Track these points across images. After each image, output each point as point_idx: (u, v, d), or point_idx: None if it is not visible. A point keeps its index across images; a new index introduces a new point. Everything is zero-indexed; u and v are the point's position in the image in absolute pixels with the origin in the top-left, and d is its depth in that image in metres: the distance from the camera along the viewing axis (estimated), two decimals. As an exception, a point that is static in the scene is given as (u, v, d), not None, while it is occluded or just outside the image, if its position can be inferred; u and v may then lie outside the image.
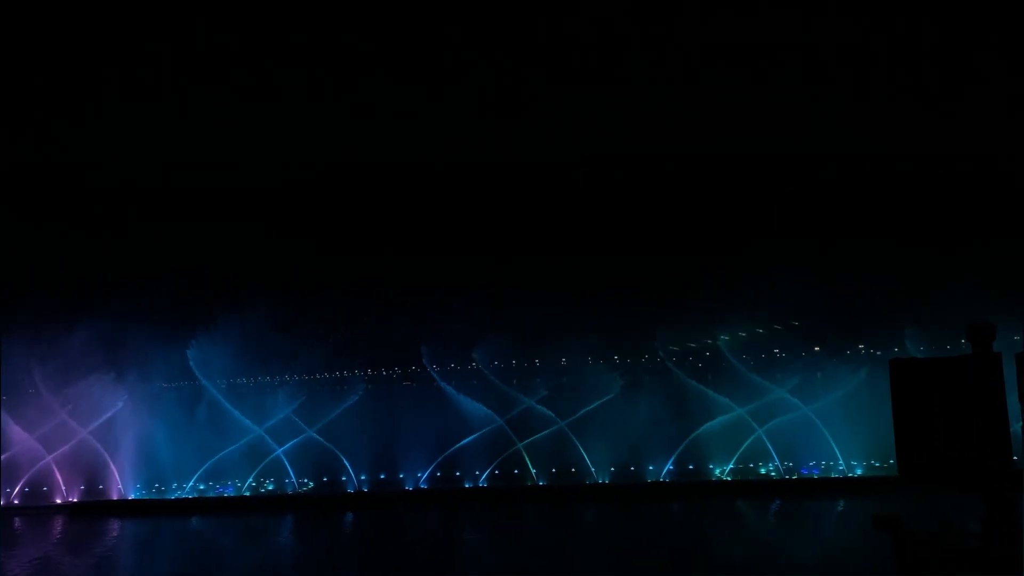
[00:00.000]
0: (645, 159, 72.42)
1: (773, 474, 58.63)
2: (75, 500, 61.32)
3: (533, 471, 59.68)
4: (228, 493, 61.09)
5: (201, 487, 61.61)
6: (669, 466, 58.93)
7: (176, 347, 61.60)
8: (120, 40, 74.88)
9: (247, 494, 61.06)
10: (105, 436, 61.65)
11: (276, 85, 78.39)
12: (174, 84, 76.45)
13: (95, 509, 60.26)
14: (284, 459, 61.26)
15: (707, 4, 71.81)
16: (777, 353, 62.31)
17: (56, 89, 76.50)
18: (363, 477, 60.63)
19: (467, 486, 59.64)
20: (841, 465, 57.55)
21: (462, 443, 60.14)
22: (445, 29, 73.98)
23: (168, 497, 60.97)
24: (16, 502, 61.78)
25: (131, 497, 61.05)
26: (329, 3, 77.42)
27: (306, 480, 61.61)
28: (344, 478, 60.79)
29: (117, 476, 61.49)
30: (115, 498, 61.06)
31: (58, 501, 61.35)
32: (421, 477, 60.00)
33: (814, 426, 58.15)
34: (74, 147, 76.26)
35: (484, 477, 59.80)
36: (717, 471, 58.95)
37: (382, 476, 61.15)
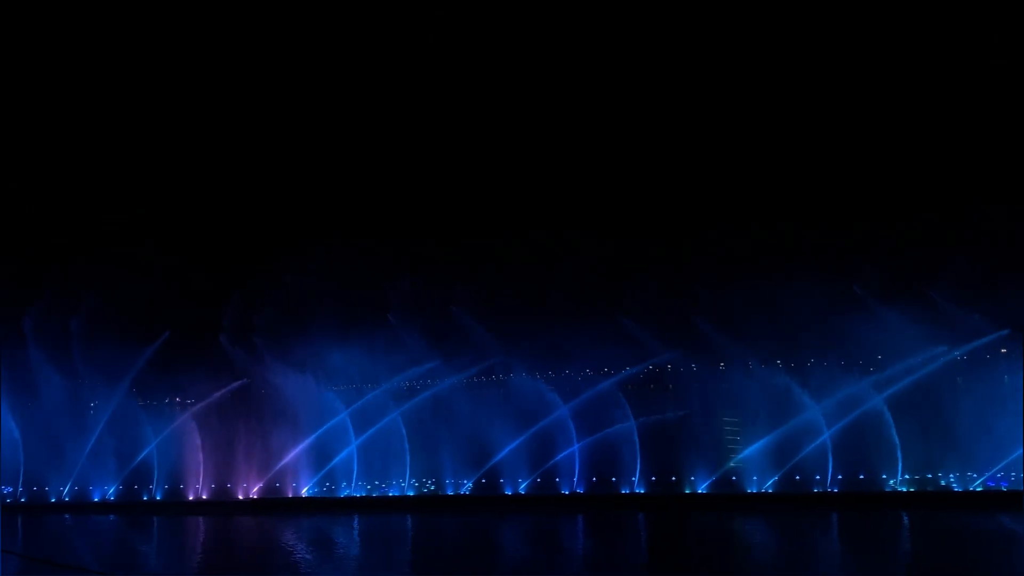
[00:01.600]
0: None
1: (955, 485, 54.41)
2: (256, 496, 65.02)
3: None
4: (393, 492, 62.90)
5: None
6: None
7: None
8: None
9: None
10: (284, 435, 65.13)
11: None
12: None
13: (281, 506, 62.83)
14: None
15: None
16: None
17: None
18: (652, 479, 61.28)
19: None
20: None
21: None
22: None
23: (338, 495, 63.59)
24: (204, 496, 66.31)
25: (304, 494, 64.08)
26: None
27: (465, 481, 62.62)
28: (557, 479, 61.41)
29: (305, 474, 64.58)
30: (289, 495, 64.35)
31: (240, 497, 65.44)
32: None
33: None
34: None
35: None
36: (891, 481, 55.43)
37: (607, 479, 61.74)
